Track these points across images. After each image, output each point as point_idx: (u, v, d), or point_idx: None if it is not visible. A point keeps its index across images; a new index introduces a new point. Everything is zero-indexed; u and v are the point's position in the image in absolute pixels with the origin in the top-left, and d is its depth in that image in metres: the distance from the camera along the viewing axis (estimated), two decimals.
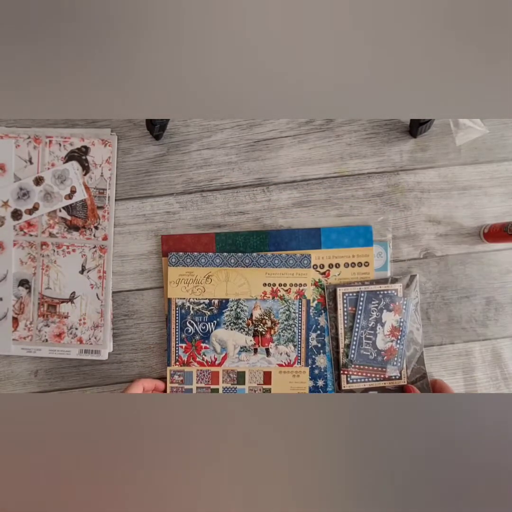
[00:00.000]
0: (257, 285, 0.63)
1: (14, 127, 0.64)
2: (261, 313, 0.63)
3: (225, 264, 0.63)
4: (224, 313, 0.63)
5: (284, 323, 0.63)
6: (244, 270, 0.63)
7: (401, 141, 0.66)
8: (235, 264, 0.63)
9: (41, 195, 0.63)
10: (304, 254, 0.63)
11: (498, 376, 0.65)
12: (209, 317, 0.63)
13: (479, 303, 0.65)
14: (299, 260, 0.63)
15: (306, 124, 0.66)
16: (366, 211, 0.65)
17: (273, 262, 0.63)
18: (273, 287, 0.63)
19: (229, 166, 0.65)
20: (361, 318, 0.62)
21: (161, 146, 0.65)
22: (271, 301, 0.63)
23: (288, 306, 0.63)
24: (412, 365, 0.63)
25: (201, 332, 0.63)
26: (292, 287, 0.63)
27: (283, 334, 0.63)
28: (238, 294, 0.63)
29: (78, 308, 0.63)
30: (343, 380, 0.62)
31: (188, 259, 0.62)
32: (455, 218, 0.65)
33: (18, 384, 0.64)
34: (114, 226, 0.64)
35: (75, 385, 0.64)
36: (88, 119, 0.65)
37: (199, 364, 0.62)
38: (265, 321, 0.62)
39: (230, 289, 0.63)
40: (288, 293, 0.63)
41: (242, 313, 0.63)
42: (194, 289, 0.62)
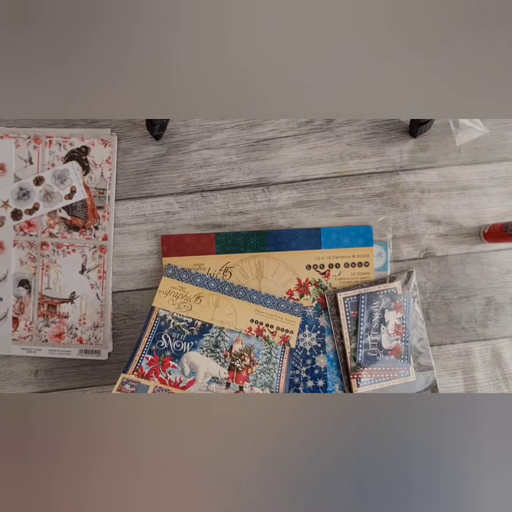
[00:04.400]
0: (245, 319, 0.61)
1: (14, 127, 0.64)
2: (241, 348, 0.60)
3: (218, 290, 0.62)
4: (204, 337, 0.60)
5: (263, 365, 0.60)
6: (235, 301, 0.62)
7: (401, 141, 0.66)
8: (229, 292, 0.62)
9: (41, 195, 0.63)
10: (297, 302, 0.63)
11: (498, 376, 0.65)
12: (187, 337, 0.60)
13: (479, 303, 0.65)
14: (291, 307, 0.62)
15: (306, 124, 0.66)
16: (366, 211, 0.65)
17: (265, 302, 0.62)
18: (259, 325, 0.61)
19: (229, 166, 0.65)
20: (364, 320, 0.62)
21: (161, 146, 0.65)
22: (254, 339, 0.61)
23: (271, 349, 0.61)
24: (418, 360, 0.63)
25: (174, 349, 0.59)
26: (278, 331, 0.62)
27: (260, 377, 0.60)
28: (223, 322, 0.61)
29: (78, 308, 0.63)
30: (353, 384, 0.62)
31: (184, 275, 0.62)
32: (455, 218, 0.65)
33: (18, 384, 0.64)
34: (114, 226, 0.64)
35: (75, 385, 0.64)
36: (88, 119, 0.65)
37: (161, 381, 0.58)
38: (244, 357, 0.60)
39: (216, 315, 0.61)
40: (273, 335, 0.61)
41: (223, 342, 0.60)
42: (181, 305, 0.61)
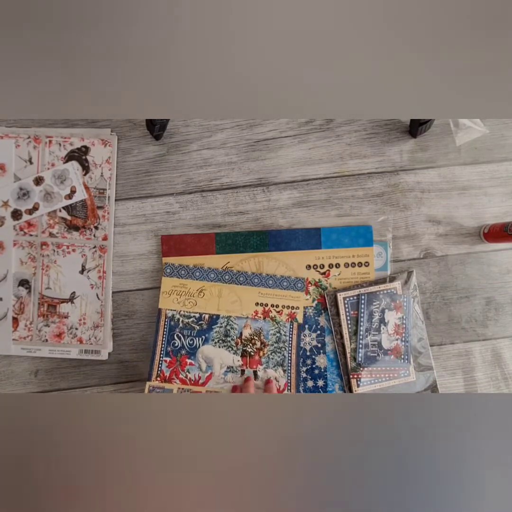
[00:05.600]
0: (249, 304, 0.62)
1: (14, 127, 0.64)
2: (251, 333, 0.62)
3: (219, 280, 0.62)
4: (214, 329, 0.61)
5: (274, 345, 0.62)
6: (238, 288, 0.62)
7: (401, 141, 0.66)
8: (229, 280, 0.62)
9: (41, 195, 0.63)
10: (299, 277, 0.63)
11: (498, 376, 0.65)
12: (198, 331, 0.61)
13: (479, 303, 0.65)
14: (293, 283, 0.62)
15: (306, 124, 0.66)
16: (366, 211, 0.65)
17: (267, 283, 0.62)
18: (265, 307, 0.62)
19: (229, 166, 0.65)
20: (364, 320, 0.62)
21: (161, 146, 0.65)
22: (262, 321, 0.62)
23: (279, 328, 0.62)
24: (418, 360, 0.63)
25: (188, 346, 0.61)
26: (284, 309, 0.62)
27: (272, 357, 0.61)
28: (229, 311, 0.62)
29: (78, 308, 0.63)
30: (353, 384, 0.62)
31: (182, 271, 0.62)
32: (455, 218, 0.65)
33: (18, 384, 0.64)
34: (114, 226, 0.64)
35: (75, 385, 0.64)
36: (88, 119, 0.65)
37: (182, 381, 0.60)
38: (254, 341, 0.61)
39: (222, 305, 0.62)
40: (279, 314, 0.62)
41: (232, 330, 0.61)
42: (185, 301, 0.61)
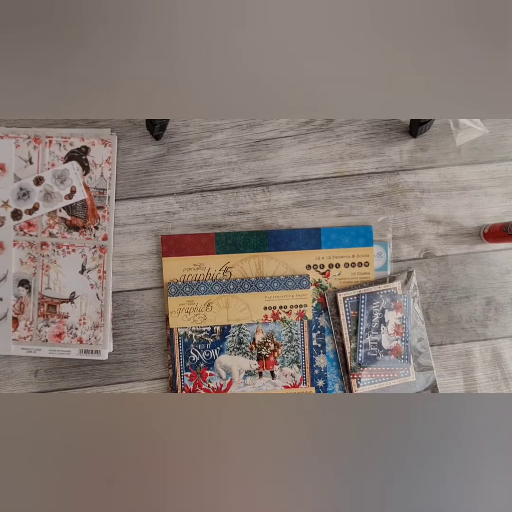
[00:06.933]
0: (258, 309, 0.63)
1: (14, 127, 0.64)
2: (263, 337, 0.63)
3: (224, 291, 0.62)
4: (227, 339, 0.63)
5: (287, 345, 0.63)
6: (244, 295, 0.62)
7: (401, 141, 0.66)
8: (235, 289, 0.62)
9: (41, 195, 0.63)
10: (303, 275, 0.63)
11: (498, 376, 0.65)
12: (212, 344, 0.63)
13: (479, 303, 0.65)
14: (298, 282, 0.63)
15: (306, 124, 0.66)
16: (366, 211, 0.65)
17: (272, 286, 0.62)
18: (273, 310, 0.63)
19: (229, 166, 0.65)
20: (364, 320, 0.62)
21: (161, 146, 0.65)
22: (272, 324, 0.63)
23: (290, 328, 0.63)
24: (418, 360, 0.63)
25: (205, 359, 0.62)
26: (292, 308, 0.63)
27: (286, 356, 0.63)
28: (239, 319, 0.63)
29: (78, 308, 0.63)
30: (353, 384, 0.62)
31: (187, 288, 0.62)
32: (455, 218, 0.65)
33: (18, 384, 0.64)
34: (114, 226, 0.64)
35: (75, 385, 0.64)
36: (88, 119, 0.65)
37: (205, 391, 0.62)
38: (268, 344, 0.62)
39: (231, 315, 0.63)
40: (289, 315, 0.63)
41: (245, 337, 0.63)
42: (195, 317, 0.62)
